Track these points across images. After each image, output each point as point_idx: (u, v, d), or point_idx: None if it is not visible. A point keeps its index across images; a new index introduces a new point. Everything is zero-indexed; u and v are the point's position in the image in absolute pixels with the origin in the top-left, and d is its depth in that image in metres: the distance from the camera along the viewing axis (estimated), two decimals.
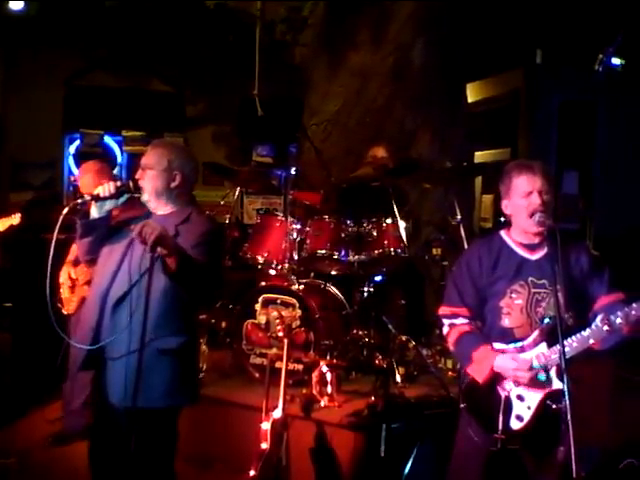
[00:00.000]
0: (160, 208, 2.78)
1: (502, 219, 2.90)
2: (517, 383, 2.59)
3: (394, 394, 3.91)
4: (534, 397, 2.56)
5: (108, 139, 8.22)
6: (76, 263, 3.95)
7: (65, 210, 2.62)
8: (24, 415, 4.57)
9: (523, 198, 2.66)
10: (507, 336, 2.65)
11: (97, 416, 2.89)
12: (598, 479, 3.53)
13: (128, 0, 6.99)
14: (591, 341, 2.47)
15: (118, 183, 2.71)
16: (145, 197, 2.76)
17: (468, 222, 5.39)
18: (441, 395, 3.91)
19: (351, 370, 4.34)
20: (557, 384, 2.51)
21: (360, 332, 4.49)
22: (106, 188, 2.67)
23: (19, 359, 5.12)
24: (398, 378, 4.16)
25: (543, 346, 2.54)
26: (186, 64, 7.92)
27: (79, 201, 2.70)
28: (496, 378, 2.63)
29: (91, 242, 2.76)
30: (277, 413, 3.42)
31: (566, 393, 2.31)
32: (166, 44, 7.60)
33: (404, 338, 4.44)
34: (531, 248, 2.70)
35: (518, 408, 2.59)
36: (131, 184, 2.73)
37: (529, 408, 2.56)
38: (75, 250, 3.64)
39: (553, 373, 2.53)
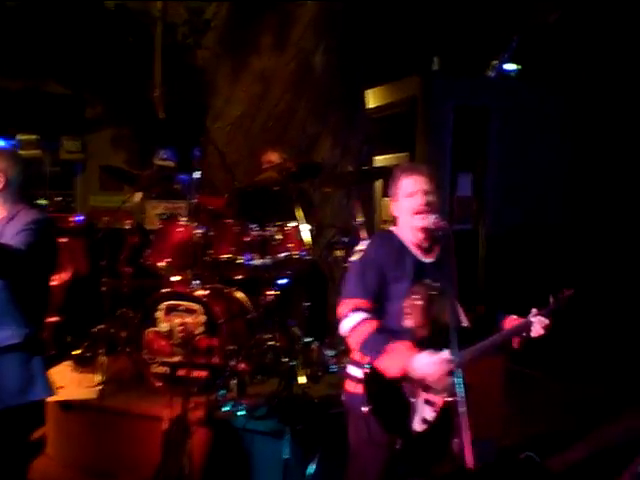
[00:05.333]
0: None
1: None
2: (427, 387, 2.59)
3: (298, 395, 3.95)
4: (439, 400, 2.60)
5: (1, 142, 7.84)
6: None
7: None
8: None
9: (407, 198, 2.75)
10: (408, 336, 2.64)
11: None
12: (495, 471, 3.66)
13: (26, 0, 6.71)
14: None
15: None
16: None
17: (369, 224, 5.51)
18: None
19: (256, 373, 4.35)
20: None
21: (265, 335, 4.50)
22: None
23: None
24: (303, 379, 4.20)
25: (446, 353, 2.55)
26: (85, 65, 7.66)
27: None
28: (405, 381, 2.60)
29: None
30: (179, 421, 3.38)
31: (460, 385, 2.41)
32: (64, 45, 7.33)
33: (308, 340, 4.50)
34: (425, 251, 2.78)
35: (424, 411, 2.60)
36: None
37: (435, 411, 2.60)
38: None
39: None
